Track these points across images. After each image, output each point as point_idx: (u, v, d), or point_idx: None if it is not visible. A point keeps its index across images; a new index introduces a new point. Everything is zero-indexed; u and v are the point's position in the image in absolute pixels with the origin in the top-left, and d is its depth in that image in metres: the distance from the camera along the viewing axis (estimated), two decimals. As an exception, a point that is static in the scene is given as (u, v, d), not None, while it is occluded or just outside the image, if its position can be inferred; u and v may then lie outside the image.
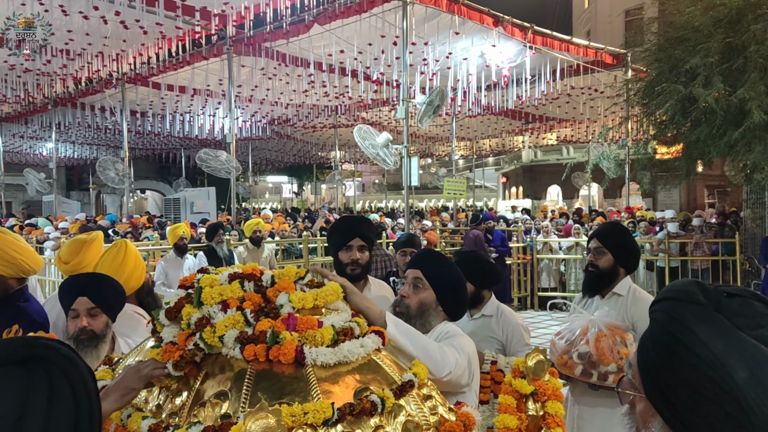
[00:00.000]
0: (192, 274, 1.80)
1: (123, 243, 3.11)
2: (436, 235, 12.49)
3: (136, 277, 3.12)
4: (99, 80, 14.98)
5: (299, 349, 1.51)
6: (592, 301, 3.38)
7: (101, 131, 21.19)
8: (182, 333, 1.63)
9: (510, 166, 37.57)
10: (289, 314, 1.61)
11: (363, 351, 1.60)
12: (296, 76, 13.89)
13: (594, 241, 3.35)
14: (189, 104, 16.98)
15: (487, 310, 3.51)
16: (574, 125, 20.70)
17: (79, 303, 2.54)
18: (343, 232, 3.22)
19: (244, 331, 1.57)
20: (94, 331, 2.53)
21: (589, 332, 2.57)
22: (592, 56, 13.47)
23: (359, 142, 9.67)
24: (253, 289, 1.70)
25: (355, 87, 14.01)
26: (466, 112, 17.94)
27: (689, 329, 1.05)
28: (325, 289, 1.72)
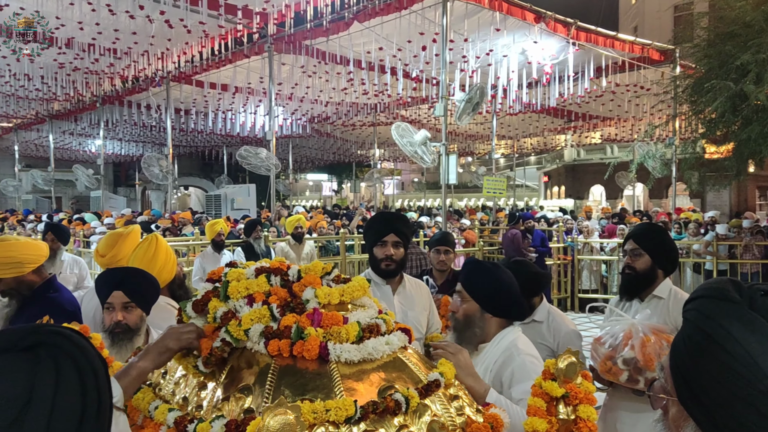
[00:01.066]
0: (220, 268, 1.80)
1: (153, 237, 3.16)
2: (475, 234, 12.40)
3: (168, 271, 3.16)
4: (145, 78, 15.33)
5: (323, 345, 1.50)
6: (631, 304, 3.28)
7: (146, 129, 21.70)
8: (208, 326, 1.64)
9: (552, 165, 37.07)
10: (314, 309, 1.59)
11: (388, 348, 1.57)
12: (335, 74, 13.94)
13: (630, 242, 3.25)
14: (231, 102, 17.22)
15: (537, 315, 3.48)
16: (618, 123, 20.25)
17: (114, 297, 2.58)
18: (378, 228, 3.21)
19: (269, 326, 1.56)
20: (129, 325, 2.57)
21: (633, 337, 2.48)
22: (639, 52, 13.14)
23: (397, 139, 9.64)
24: (280, 283, 1.69)
25: (394, 84, 13.98)
26: (506, 109, 17.73)
27: (722, 327, 1.01)
28: (351, 285, 1.70)
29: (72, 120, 20.93)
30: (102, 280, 2.67)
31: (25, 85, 14.83)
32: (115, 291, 2.61)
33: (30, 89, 15.35)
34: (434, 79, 13.49)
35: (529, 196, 42.39)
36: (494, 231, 14.85)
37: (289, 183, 27.93)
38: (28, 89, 15.35)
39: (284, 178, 28.15)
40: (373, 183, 22.64)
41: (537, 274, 3.59)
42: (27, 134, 24.99)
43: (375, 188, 24.55)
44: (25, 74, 13.97)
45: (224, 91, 15.78)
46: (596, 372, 2.73)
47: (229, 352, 1.58)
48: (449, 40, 10.19)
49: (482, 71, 12.79)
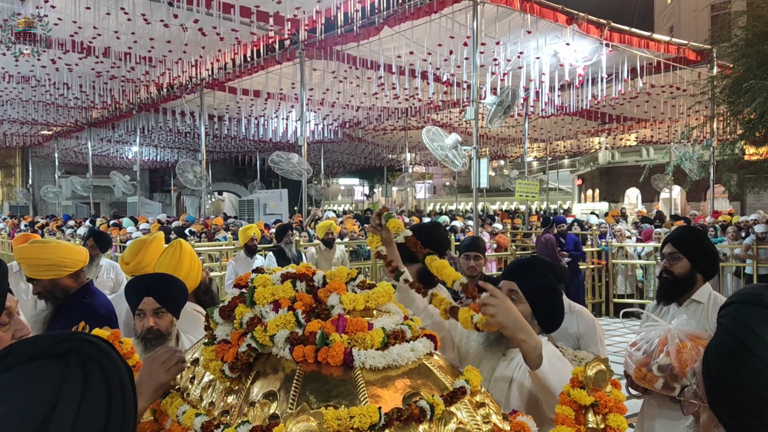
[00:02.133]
0: (246, 273, 1.82)
1: (178, 243, 3.19)
2: (507, 239, 12.29)
3: (193, 277, 3.19)
4: (179, 86, 15.62)
5: (348, 352, 1.49)
6: (668, 309, 3.21)
7: (181, 135, 22.09)
8: (235, 332, 1.65)
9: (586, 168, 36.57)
10: (339, 315, 1.59)
11: (413, 355, 1.56)
12: (366, 79, 14.00)
13: (668, 246, 3.17)
14: (263, 108, 17.42)
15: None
16: (654, 125, 19.89)
17: (145, 303, 2.62)
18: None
19: (294, 332, 1.56)
20: (160, 330, 2.61)
21: (668, 343, 2.42)
22: (674, 53, 12.91)
23: (428, 143, 9.64)
24: (305, 289, 1.70)
25: (424, 89, 13.98)
26: (539, 112, 17.58)
27: (754, 332, 0.99)
28: (376, 291, 1.70)
29: (109, 127, 21.46)
30: (132, 287, 2.72)
31: (65, 94, 15.24)
32: (145, 297, 2.65)
33: (69, 98, 15.77)
34: (465, 82, 13.44)
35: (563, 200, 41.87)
36: (527, 235, 14.70)
37: (321, 188, 28.13)
38: (67, 98, 15.78)
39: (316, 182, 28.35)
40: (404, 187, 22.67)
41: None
42: (66, 142, 25.69)
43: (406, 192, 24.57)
44: (64, 83, 14.36)
45: (256, 97, 15.97)
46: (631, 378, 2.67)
47: (255, 358, 1.59)
48: (480, 43, 10.15)
49: (513, 74, 12.71)
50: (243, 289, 1.74)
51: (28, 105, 17.70)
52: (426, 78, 12.88)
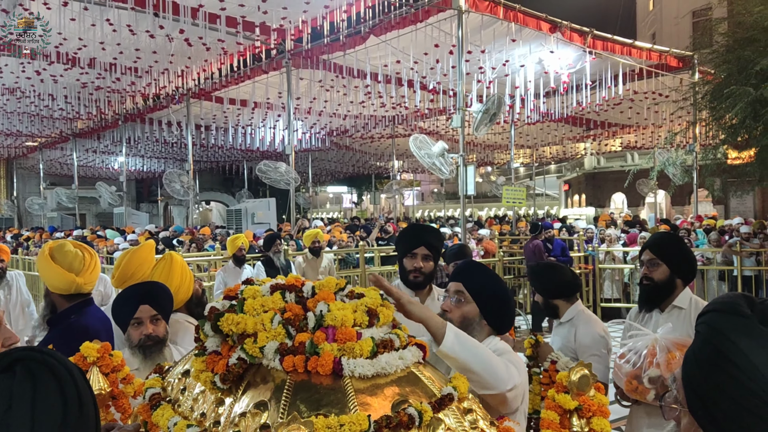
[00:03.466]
0: (236, 285, 1.84)
1: (169, 256, 3.20)
2: (494, 245, 12.34)
3: (184, 290, 3.20)
4: (165, 96, 15.59)
5: (337, 361, 1.51)
6: (651, 315, 3.24)
7: (168, 145, 22.02)
8: (225, 344, 1.66)
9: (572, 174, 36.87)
10: (328, 325, 1.61)
11: (402, 363, 1.59)
12: (353, 88, 14.05)
13: (646, 252, 3.22)
14: (250, 117, 17.42)
15: (565, 317, 3.49)
16: (638, 131, 20.12)
17: (141, 311, 2.64)
18: (409, 240, 3.25)
19: (284, 343, 1.58)
20: (158, 337, 2.63)
21: (657, 354, 2.43)
22: (657, 59, 13.08)
23: (415, 151, 9.68)
24: (294, 299, 1.72)
25: (411, 97, 14.05)
26: (525, 119, 17.72)
27: (731, 341, 1.03)
28: (365, 301, 1.72)
29: (95, 138, 21.34)
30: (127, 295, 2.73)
31: (49, 105, 15.16)
32: (142, 305, 2.66)
33: (54, 109, 15.68)
34: (451, 90, 13.54)
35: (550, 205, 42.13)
36: (515, 241, 14.77)
37: (309, 196, 28.11)
38: (52, 109, 15.69)
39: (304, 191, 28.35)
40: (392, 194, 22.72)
41: (576, 276, 3.64)
42: (51, 153, 25.52)
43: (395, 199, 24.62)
44: (49, 94, 14.29)
45: (243, 106, 15.98)
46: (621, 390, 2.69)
47: (246, 369, 1.61)
48: (466, 51, 10.23)
49: (499, 81, 12.81)
50: (233, 301, 1.76)
51: (13, 116, 17.58)
52: (412, 86, 12.95)
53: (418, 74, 12.61)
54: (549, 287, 3.51)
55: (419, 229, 3.40)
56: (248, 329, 1.61)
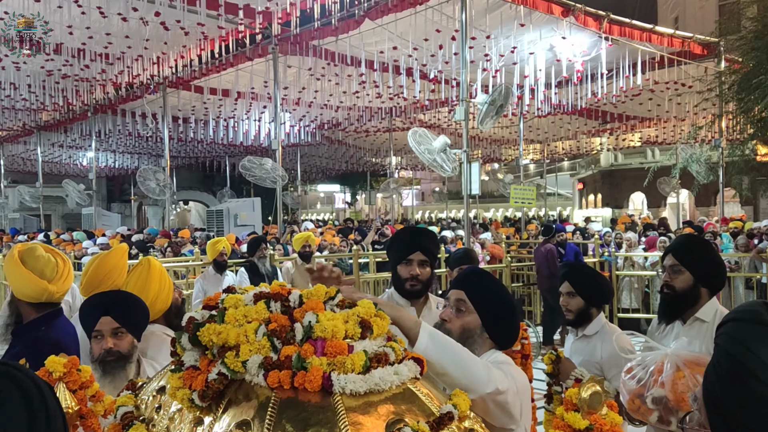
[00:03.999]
0: (216, 294, 1.85)
1: (146, 262, 3.20)
2: (502, 249, 12.38)
3: (163, 299, 3.20)
4: (139, 85, 15.58)
5: (326, 376, 1.53)
6: (672, 327, 3.19)
7: (142, 139, 21.98)
8: (204, 357, 1.67)
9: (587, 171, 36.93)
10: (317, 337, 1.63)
11: (397, 379, 1.60)
12: (346, 77, 14.06)
13: (669, 257, 3.15)
14: (233, 109, 17.42)
15: (590, 329, 3.51)
16: (659, 125, 20.16)
17: (102, 323, 2.63)
18: (403, 245, 3.26)
19: (268, 356, 1.59)
20: (121, 352, 2.63)
21: (664, 372, 2.41)
22: (679, 46, 13.12)
23: (414, 147, 9.70)
24: (280, 309, 1.73)
25: (410, 87, 14.06)
26: (534, 111, 17.75)
27: (752, 352, 1.03)
28: (357, 310, 1.73)
29: (62, 131, 21.29)
30: (88, 306, 2.73)
31: (11, 95, 15.11)
32: (103, 317, 2.66)
33: (16, 99, 15.63)
34: (454, 79, 13.56)
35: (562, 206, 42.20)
36: (523, 245, 14.81)
37: (298, 196, 28.12)
38: (14, 99, 15.64)
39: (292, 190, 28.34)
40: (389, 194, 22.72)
41: (602, 278, 3.71)
42: (13, 147, 25.45)
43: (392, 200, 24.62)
44: (11, 83, 14.25)
45: (225, 97, 15.97)
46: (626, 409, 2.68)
47: (227, 385, 1.61)
48: (470, 37, 10.25)
49: (506, 70, 12.83)
50: (212, 311, 1.77)
51: (-29, 108, 17.56)
52: (411, 75, 12.96)
53: (417, 62, 12.63)
54: (594, 292, 3.54)
55: (413, 232, 3.42)
56: (230, 341, 1.62)
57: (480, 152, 27.62)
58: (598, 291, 3.57)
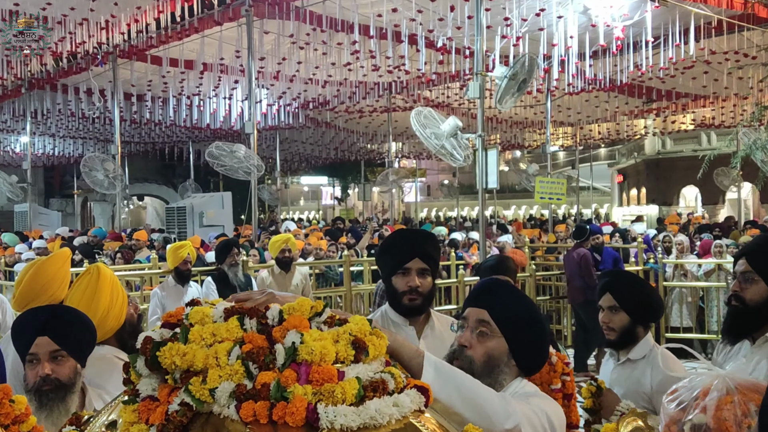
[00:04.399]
0: (179, 309, 1.85)
1: (95, 269, 3.20)
2: (524, 255, 12.38)
3: (115, 315, 3.20)
4: (84, 55, 15.53)
5: (312, 408, 1.53)
6: (740, 348, 3.17)
7: (87, 121, 21.93)
8: (164, 386, 1.68)
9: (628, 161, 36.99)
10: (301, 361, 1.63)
11: (397, 412, 1.60)
12: (336, 45, 14.04)
13: (741, 262, 3.09)
14: (198, 84, 17.38)
15: (635, 353, 3.49)
16: (716, 104, 20.18)
17: (38, 345, 2.63)
18: (398, 251, 3.24)
19: (242, 384, 1.60)
20: (60, 380, 2.62)
21: (709, 394, 2.41)
22: (740, 8, 13.13)
23: (418, 130, 9.71)
24: (256, 328, 1.74)
25: (413, 57, 14.06)
26: (565, 88, 17.76)
27: None
28: (348, 328, 1.74)
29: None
30: (22, 324, 2.72)
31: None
32: (39, 337, 2.65)
33: (-68, 72, 15.62)
34: (467, 48, 13.55)
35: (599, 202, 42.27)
36: (550, 250, 14.83)
37: (277, 190, 28.12)
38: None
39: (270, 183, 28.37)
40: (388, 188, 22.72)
41: (652, 291, 3.73)
42: (-70, 131, 25.38)
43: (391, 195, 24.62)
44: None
45: (189, 69, 15.95)
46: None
47: (192, 419, 1.62)
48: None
49: (530, 37, 12.83)
50: (175, 329, 1.77)
51: None
52: (415, 43, 12.95)
53: (422, 27, 12.62)
54: (642, 307, 3.53)
55: (410, 235, 3.43)
56: (197, 364, 1.62)
57: (498, 137, 27.64)
58: (648, 305, 3.56)
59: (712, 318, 11.52)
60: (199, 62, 15.23)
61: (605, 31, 12.39)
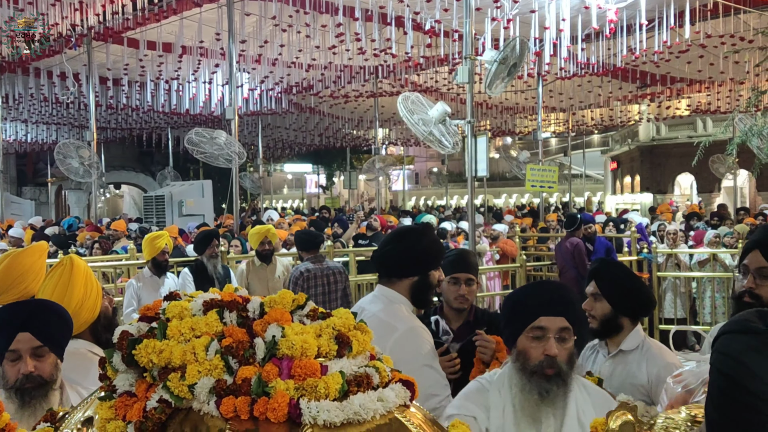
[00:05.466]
0: (156, 302, 1.85)
1: (69, 261, 3.19)
2: (515, 245, 12.44)
3: (89, 308, 3.20)
4: (57, 37, 15.41)
5: (294, 403, 1.54)
6: None
7: (61, 106, 21.80)
8: (142, 381, 1.68)
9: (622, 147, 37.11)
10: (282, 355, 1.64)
11: (381, 407, 1.61)
12: (320, 27, 14.00)
13: (754, 255, 2.86)
14: (176, 68, 17.30)
15: (627, 344, 3.53)
16: (711, 89, 20.26)
17: (19, 341, 2.62)
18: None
19: (222, 379, 1.60)
20: (43, 377, 2.62)
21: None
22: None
23: (405, 116, 9.69)
24: (236, 321, 1.74)
25: (400, 40, 14.03)
26: (557, 72, 17.79)
27: (743, 364, 1.10)
28: (332, 322, 1.75)
29: (-43, 96, 21.05)
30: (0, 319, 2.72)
31: None
32: (20, 333, 2.64)
33: None
34: (455, 32, 13.54)
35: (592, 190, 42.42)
36: (542, 240, 14.88)
37: (259, 177, 28.05)
38: None
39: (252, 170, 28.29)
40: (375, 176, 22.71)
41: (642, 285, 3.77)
42: None
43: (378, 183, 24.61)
44: None
45: (167, 52, 15.87)
46: None
47: (170, 415, 1.62)
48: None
49: (522, 20, 12.84)
50: (152, 323, 1.78)
51: None
52: (402, 26, 12.93)
53: (409, 9, 12.60)
54: (624, 297, 3.56)
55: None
56: (174, 360, 1.63)
57: (488, 123, 27.65)
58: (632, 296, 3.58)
59: (704, 309, 11.61)
60: (178, 45, 15.15)
61: (598, 13, 12.39)
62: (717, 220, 15.38)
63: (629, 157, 36.59)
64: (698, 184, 31.73)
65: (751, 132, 13.34)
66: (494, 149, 40.15)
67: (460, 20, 10.67)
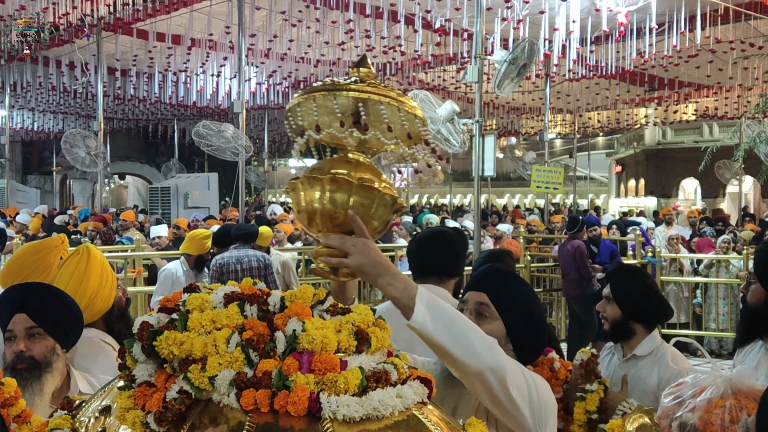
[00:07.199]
0: (176, 293, 1.86)
1: (85, 250, 3.20)
2: (519, 246, 12.43)
3: (104, 297, 3.21)
4: (67, 27, 15.41)
5: (314, 398, 1.55)
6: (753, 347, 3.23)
7: (69, 95, 21.80)
8: (161, 372, 1.69)
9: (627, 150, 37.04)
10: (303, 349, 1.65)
11: (400, 403, 1.62)
12: (330, 23, 13.99)
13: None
14: (185, 60, 17.30)
15: (640, 349, 3.49)
16: (719, 94, 20.22)
17: (15, 322, 2.63)
18: None
19: (242, 372, 1.61)
20: (35, 358, 2.62)
21: (702, 395, 2.42)
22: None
23: (414, 114, 9.69)
24: (257, 314, 1.75)
25: (410, 38, 14.02)
26: (565, 74, 17.76)
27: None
28: (352, 318, 1.75)
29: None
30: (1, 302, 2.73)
31: None
32: (17, 315, 2.66)
33: None
34: (465, 31, 13.53)
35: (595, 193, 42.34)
36: (545, 241, 14.87)
37: (264, 172, 28.02)
38: None
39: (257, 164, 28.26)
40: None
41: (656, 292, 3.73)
42: None
43: (382, 180, 24.60)
44: None
45: (176, 44, 15.87)
46: None
47: (190, 406, 1.63)
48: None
49: (532, 21, 12.82)
50: (172, 314, 1.78)
51: None
52: (412, 24, 12.92)
53: (420, 7, 12.59)
54: (635, 304, 3.52)
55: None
56: (195, 352, 1.64)
57: (495, 123, 27.63)
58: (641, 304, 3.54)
59: (710, 315, 11.55)
60: (187, 37, 15.17)
61: (608, 16, 12.38)
62: (722, 226, 15.36)
63: (634, 160, 36.53)
64: (703, 189, 31.67)
65: (758, 138, 13.35)
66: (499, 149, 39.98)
67: (471, 19, 10.65)
